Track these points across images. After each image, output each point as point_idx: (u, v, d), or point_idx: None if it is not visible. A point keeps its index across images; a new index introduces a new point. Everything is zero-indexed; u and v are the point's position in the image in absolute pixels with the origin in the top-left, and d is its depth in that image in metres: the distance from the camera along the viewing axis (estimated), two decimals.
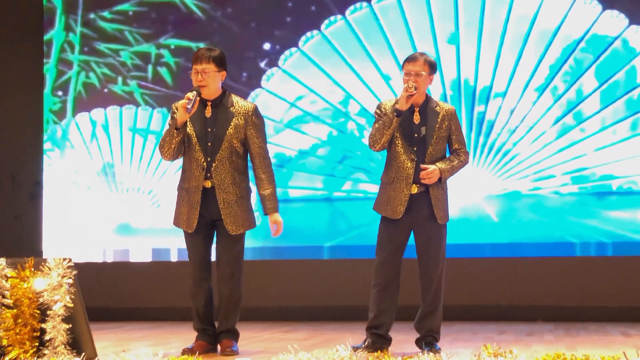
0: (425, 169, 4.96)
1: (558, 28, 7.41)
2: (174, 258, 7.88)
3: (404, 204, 4.98)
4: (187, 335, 5.67)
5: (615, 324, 6.81)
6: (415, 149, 5.00)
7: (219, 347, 5.14)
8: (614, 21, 7.31)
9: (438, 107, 5.07)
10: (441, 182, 5.02)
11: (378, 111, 5.07)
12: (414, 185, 4.99)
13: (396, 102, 4.95)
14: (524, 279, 7.33)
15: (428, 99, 5.09)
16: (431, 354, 4.24)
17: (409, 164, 4.98)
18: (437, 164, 5.00)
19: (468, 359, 4.30)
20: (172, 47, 8.09)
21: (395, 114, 4.91)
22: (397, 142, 5.01)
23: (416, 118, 5.03)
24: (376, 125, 5.02)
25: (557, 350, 4.11)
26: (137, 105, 8.13)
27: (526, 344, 5.43)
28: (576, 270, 7.26)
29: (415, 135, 5.02)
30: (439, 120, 5.04)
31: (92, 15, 8.26)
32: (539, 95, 7.43)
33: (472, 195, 7.46)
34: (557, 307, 7.25)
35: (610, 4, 7.32)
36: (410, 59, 5.01)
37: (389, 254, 5.04)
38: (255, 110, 5.15)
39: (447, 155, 5.13)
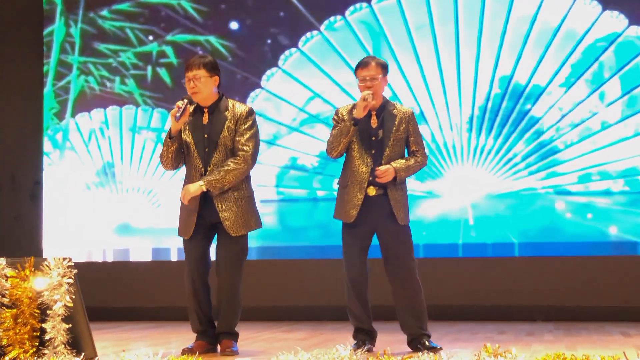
0: (378, 170, 4.99)
1: (558, 28, 7.40)
2: (174, 258, 7.88)
3: (357, 207, 5.01)
4: (187, 335, 5.67)
5: (615, 323, 6.80)
6: (373, 152, 5.05)
7: (218, 347, 5.14)
8: (615, 21, 7.31)
9: (395, 110, 5.12)
10: (397, 181, 5.05)
11: (335, 117, 5.14)
12: (371, 187, 5.03)
13: (353, 109, 5.01)
14: (524, 279, 7.33)
15: (385, 102, 5.14)
16: (431, 354, 4.24)
17: (364, 169, 5.03)
18: (391, 163, 5.04)
19: (468, 359, 4.30)
20: (172, 46, 8.10)
21: (352, 122, 4.96)
22: (353, 146, 5.07)
23: (373, 122, 5.09)
24: (333, 132, 5.09)
25: (557, 350, 4.11)
26: (137, 105, 8.14)
27: (526, 344, 5.43)
28: (576, 270, 7.26)
29: (373, 138, 5.07)
30: (396, 122, 5.08)
31: (92, 15, 8.26)
32: (539, 95, 7.43)
33: (472, 195, 7.46)
34: (557, 307, 7.25)
35: (610, 3, 7.33)
36: (362, 65, 5.07)
37: (352, 258, 5.08)
38: (248, 112, 5.14)
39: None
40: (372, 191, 5.03)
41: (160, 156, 5.13)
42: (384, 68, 5.09)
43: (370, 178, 5.02)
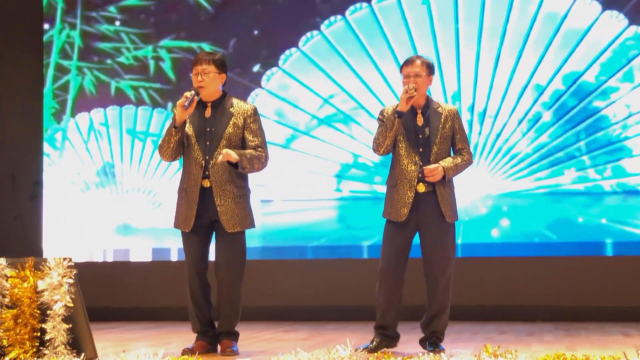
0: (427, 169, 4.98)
1: (558, 28, 7.41)
2: (174, 258, 7.88)
3: (408, 206, 5.00)
4: (187, 335, 5.67)
5: (615, 323, 6.80)
6: (420, 150, 5.04)
7: (219, 347, 5.14)
8: (614, 21, 7.31)
9: (440, 108, 5.12)
10: (445, 180, 5.04)
11: (380, 116, 5.13)
12: (420, 184, 5.01)
13: (397, 105, 4.99)
14: (524, 279, 7.33)
15: (429, 100, 5.15)
16: (432, 354, 4.24)
17: (412, 167, 5.02)
18: (440, 162, 5.03)
19: (468, 359, 4.30)
20: (173, 46, 8.09)
21: (396, 115, 4.95)
22: (400, 145, 5.06)
23: (419, 120, 5.08)
24: (379, 129, 5.07)
25: (557, 351, 4.11)
26: (137, 105, 8.14)
27: (526, 344, 5.43)
28: (576, 270, 7.26)
29: (420, 136, 5.06)
30: (442, 120, 5.08)
31: (92, 15, 8.26)
32: (539, 94, 7.43)
33: (472, 195, 7.46)
34: (557, 307, 7.25)
35: (609, 4, 7.33)
36: (408, 62, 5.08)
37: (393, 257, 5.05)
38: (255, 110, 5.17)
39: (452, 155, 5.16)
40: (421, 188, 5.01)
41: (160, 146, 5.10)
42: (429, 67, 5.08)
43: (420, 175, 5.01)
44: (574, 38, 7.38)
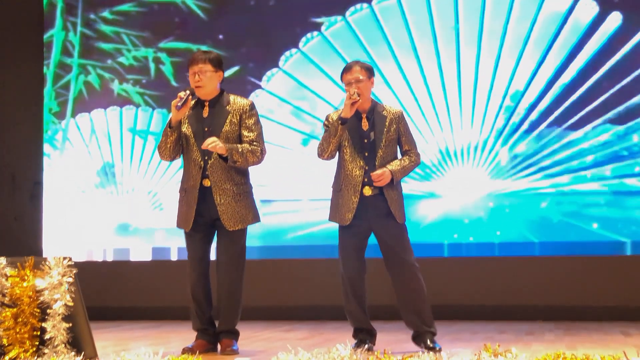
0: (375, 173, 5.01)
1: (558, 29, 7.41)
2: (174, 257, 7.88)
3: (352, 211, 5.04)
4: (187, 335, 5.67)
5: (616, 323, 6.80)
6: (366, 154, 5.07)
7: (219, 346, 5.14)
8: (614, 22, 7.31)
9: (385, 111, 5.15)
10: (393, 182, 5.07)
11: (326, 122, 5.18)
12: (367, 187, 5.05)
13: (341, 111, 5.04)
14: (524, 278, 7.33)
15: (374, 104, 5.18)
16: (431, 353, 4.24)
17: (357, 172, 5.05)
18: (387, 166, 5.06)
19: (468, 358, 4.29)
20: (172, 47, 8.10)
21: (339, 122, 4.99)
22: (345, 150, 5.10)
23: (364, 124, 5.12)
24: (324, 135, 5.12)
25: (557, 350, 4.11)
26: (137, 105, 8.14)
27: (526, 344, 5.43)
28: (576, 270, 7.26)
29: (365, 140, 5.10)
30: (386, 124, 5.11)
31: (92, 16, 8.26)
32: (539, 95, 7.43)
33: (472, 195, 7.46)
34: (557, 307, 7.25)
35: (609, 4, 7.33)
36: (347, 69, 5.12)
37: (348, 257, 5.10)
38: (251, 106, 5.17)
39: (399, 158, 5.19)
40: (367, 191, 5.05)
41: (159, 147, 5.13)
42: (369, 70, 5.12)
43: (365, 179, 5.04)
44: (574, 38, 7.38)
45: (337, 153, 5.14)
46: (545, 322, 6.98)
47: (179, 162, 5.27)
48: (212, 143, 4.93)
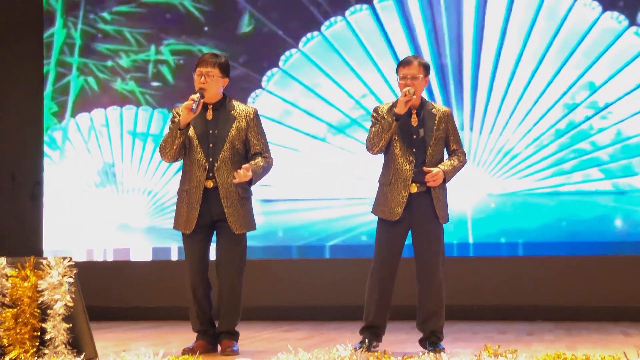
0: (429, 171, 5.00)
1: (558, 29, 7.41)
2: (174, 257, 7.88)
3: (402, 205, 5.01)
4: (187, 335, 5.67)
5: (616, 323, 6.81)
6: (414, 150, 5.05)
7: (219, 347, 5.14)
8: (614, 22, 7.32)
9: (434, 109, 5.14)
10: (445, 183, 5.07)
11: (375, 114, 5.14)
12: (413, 184, 5.02)
13: (394, 106, 5.03)
14: (524, 279, 7.33)
15: (424, 101, 5.16)
16: (432, 353, 4.24)
17: (407, 166, 5.03)
18: (439, 166, 5.05)
19: (468, 358, 4.30)
20: (172, 47, 8.10)
21: (394, 117, 4.97)
22: (395, 144, 5.07)
23: (414, 120, 5.09)
24: (373, 129, 5.09)
25: (557, 350, 4.11)
26: (137, 105, 8.14)
27: (526, 344, 5.43)
28: (576, 270, 7.26)
29: (414, 137, 5.07)
30: (436, 121, 5.10)
31: (92, 16, 8.26)
32: (539, 95, 7.43)
33: (472, 195, 7.46)
34: (557, 307, 7.25)
35: (610, 4, 7.33)
36: (405, 63, 5.07)
37: (386, 257, 5.07)
38: (256, 113, 5.19)
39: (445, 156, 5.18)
40: (414, 188, 5.03)
41: (162, 147, 5.09)
42: (426, 68, 5.09)
43: (413, 175, 5.02)
44: (575, 38, 7.38)
45: (387, 148, 5.09)
46: (544, 322, 6.98)
47: (179, 162, 5.26)
48: (245, 176, 4.94)
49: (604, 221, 7.27)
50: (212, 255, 5.22)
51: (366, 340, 5.03)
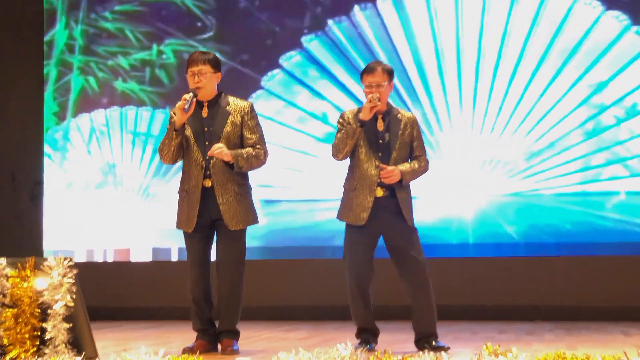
0: (384, 168, 5.01)
1: (559, 29, 7.41)
2: (174, 258, 7.88)
3: (368, 210, 5.04)
4: (187, 335, 5.67)
5: (616, 323, 6.81)
6: (380, 154, 5.08)
7: (219, 346, 5.14)
8: (615, 22, 7.32)
9: (400, 115, 5.18)
10: (402, 183, 5.08)
11: (341, 120, 5.17)
12: (378, 188, 5.05)
13: (359, 112, 5.06)
14: (524, 278, 7.33)
15: (390, 107, 5.20)
16: (431, 353, 4.24)
17: (373, 171, 5.06)
18: (398, 166, 5.08)
19: (468, 358, 4.30)
20: (173, 47, 8.10)
21: (359, 124, 5.01)
22: (360, 149, 5.10)
23: (380, 125, 5.13)
24: (339, 135, 5.13)
25: (557, 350, 4.11)
26: (138, 105, 8.14)
27: (526, 344, 5.43)
28: (576, 270, 7.26)
29: (380, 141, 5.11)
30: (401, 126, 5.13)
31: (92, 16, 8.26)
32: (540, 95, 7.43)
33: (472, 195, 7.46)
34: (557, 307, 7.25)
35: (611, 4, 7.33)
36: (368, 70, 5.11)
37: (358, 257, 5.09)
38: (251, 107, 5.19)
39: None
40: (379, 192, 5.05)
41: (161, 149, 5.11)
42: (390, 74, 5.12)
43: (379, 180, 5.04)
44: (575, 40, 7.38)
45: (352, 153, 5.13)
46: (544, 322, 6.97)
47: (180, 162, 5.26)
48: (218, 149, 4.94)
49: (604, 221, 7.27)
50: (213, 256, 5.23)
51: (363, 340, 5.08)
